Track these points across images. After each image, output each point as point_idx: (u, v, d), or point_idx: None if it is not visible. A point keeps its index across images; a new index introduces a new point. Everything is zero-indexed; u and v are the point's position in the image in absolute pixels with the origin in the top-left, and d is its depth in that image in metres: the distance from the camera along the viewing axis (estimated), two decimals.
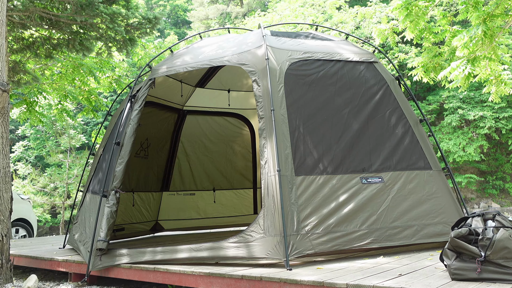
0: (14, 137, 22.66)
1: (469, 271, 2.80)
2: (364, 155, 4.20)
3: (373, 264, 3.54)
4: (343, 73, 4.48)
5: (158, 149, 6.90)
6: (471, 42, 5.83)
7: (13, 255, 4.90)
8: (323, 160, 4.02)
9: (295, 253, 3.54)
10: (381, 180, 4.12)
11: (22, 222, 8.34)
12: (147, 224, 6.81)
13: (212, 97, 7.20)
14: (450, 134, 17.99)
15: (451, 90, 17.50)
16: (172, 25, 35.30)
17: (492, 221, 2.93)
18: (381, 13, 16.95)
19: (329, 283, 2.91)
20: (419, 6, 6.67)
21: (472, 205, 18.28)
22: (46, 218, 17.28)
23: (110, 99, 18.78)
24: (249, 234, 3.70)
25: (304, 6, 21.23)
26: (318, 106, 4.26)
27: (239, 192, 7.61)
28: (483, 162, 18.45)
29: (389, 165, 4.22)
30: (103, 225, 4.19)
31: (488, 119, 17.05)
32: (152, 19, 7.65)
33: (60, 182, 15.39)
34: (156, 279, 3.84)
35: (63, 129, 15.92)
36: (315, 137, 4.11)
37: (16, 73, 8.25)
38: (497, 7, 5.82)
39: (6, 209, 4.37)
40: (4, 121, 4.43)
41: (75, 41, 7.60)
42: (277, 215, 3.62)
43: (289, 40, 4.72)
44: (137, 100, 4.68)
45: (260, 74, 4.18)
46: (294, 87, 4.22)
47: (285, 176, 3.78)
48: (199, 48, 5.07)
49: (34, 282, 4.28)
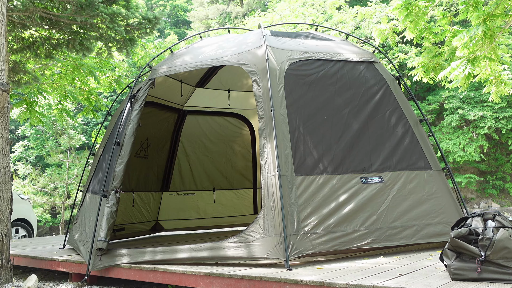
0: (14, 137, 22.66)
1: (469, 271, 2.80)
2: (364, 155, 4.19)
3: (373, 264, 3.54)
4: (343, 73, 4.48)
5: (158, 149, 6.90)
6: (471, 42, 5.83)
7: (13, 255, 4.90)
8: (323, 160, 4.02)
9: (295, 253, 3.53)
10: (381, 180, 4.12)
11: (22, 222, 8.34)
12: (147, 224, 6.81)
13: (212, 97, 7.20)
14: (450, 134, 17.99)
15: (451, 90, 17.50)
16: (172, 25, 35.30)
17: (492, 221, 2.93)
18: (381, 13, 16.95)
19: (329, 283, 2.91)
20: (419, 6, 6.67)
21: (472, 205, 18.28)
22: (46, 218, 17.29)
23: (110, 99, 18.78)
24: (249, 234, 3.69)
25: (304, 6, 21.23)
26: (318, 106, 4.26)
27: (239, 192, 7.61)
28: (483, 162, 18.45)
29: (389, 165, 4.22)
30: (103, 225, 4.19)
31: (488, 119, 17.05)
32: (152, 19, 7.66)
33: (60, 182, 15.39)
34: (156, 279, 3.84)
35: (63, 129, 15.92)
36: (315, 137, 4.10)
37: (16, 73, 8.25)
38: (497, 7, 5.82)
39: (6, 209, 4.37)
40: (4, 121, 4.43)
41: (75, 41, 7.60)
42: (277, 215, 3.62)
43: (289, 40, 4.72)
44: (137, 100, 4.68)
45: (260, 74, 4.18)
46: (294, 87, 4.22)
47: (285, 176, 3.77)
48: (199, 48, 5.06)
49: (34, 282, 4.28)
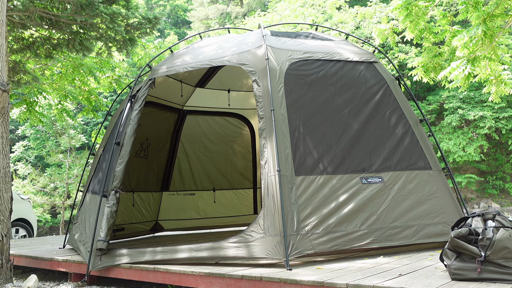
0: (14, 137, 22.66)
1: (469, 271, 2.80)
2: (364, 155, 4.19)
3: (373, 264, 3.54)
4: (343, 73, 4.48)
5: (158, 149, 6.90)
6: (471, 42, 5.83)
7: (13, 255, 4.90)
8: (323, 160, 4.02)
9: (295, 253, 3.53)
10: (381, 180, 4.12)
11: (22, 222, 8.34)
12: (147, 224, 6.81)
13: (212, 97, 7.20)
14: (450, 134, 17.99)
15: (451, 90, 17.50)
16: (172, 25, 35.30)
17: (492, 221, 2.93)
18: (381, 13, 16.95)
19: (329, 283, 2.91)
20: (419, 6, 6.67)
21: (472, 205, 18.28)
22: (46, 218, 17.29)
23: (110, 99, 18.78)
24: (249, 234, 3.69)
25: (304, 6, 21.23)
26: (318, 106, 4.26)
27: (239, 192, 7.61)
28: (483, 162, 18.44)
29: (389, 165, 4.22)
30: (103, 225, 4.19)
31: (488, 119, 17.05)
32: (152, 19, 7.65)
33: (60, 182, 15.39)
34: (156, 279, 3.84)
35: (63, 129, 15.92)
36: (315, 137, 4.10)
37: (16, 73, 8.25)
38: (497, 7, 5.82)
39: (6, 209, 4.37)
40: (4, 121, 4.43)
41: (75, 41, 7.60)
42: (277, 215, 3.62)
43: (289, 40, 4.72)
44: (137, 100, 4.68)
45: (260, 74, 4.18)
46: (294, 87, 4.22)
47: (285, 176, 3.77)
48: (199, 48, 5.06)
49: (34, 282, 4.28)
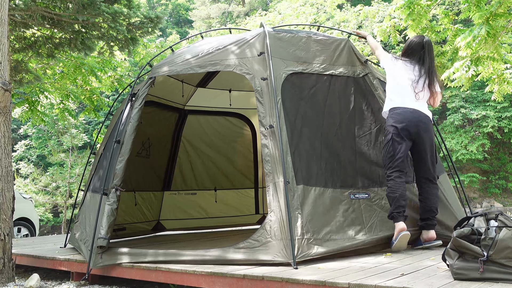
0: (16, 136, 22.72)
1: (472, 271, 2.78)
2: (352, 170, 4.24)
3: (375, 263, 3.53)
4: (334, 87, 4.49)
5: (159, 148, 6.89)
6: (474, 41, 5.80)
7: (15, 254, 4.91)
8: (318, 173, 4.06)
9: (301, 256, 3.56)
10: (368, 195, 4.17)
11: (24, 221, 8.36)
12: (149, 223, 6.81)
13: (213, 97, 7.20)
14: (452, 133, 17.96)
15: (454, 90, 17.47)
16: (174, 24, 35.34)
17: (495, 221, 2.91)
18: (384, 12, 16.92)
19: (331, 283, 2.90)
20: (421, 5, 6.64)
21: (474, 205, 18.25)
22: (48, 217, 17.34)
23: (112, 98, 18.81)
24: (256, 240, 3.73)
25: (304, 5, 21.21)
26: (312, 119, 4.29)
27: (240, 192, 7.60)
28: (486, 161, 18.42)
29: (376, 180, 4.27)
30: (104, 223, 4.19)
31: (491, 118, 17.02)
32: (154, 19, 7.65)
33: (62, 181, 15.43)
34: (158, 278, 3.84)
35: (65, 128, 15.96)
36: (310, 150, 4.14)
37: (18, 72, 8.27)
38: (500, 6, 5.78)
39: (8, 208, 4.37)
40: (6, 120, 4.43)
41: (77, 41, 7.60)
42: (283, 220, 3.65)
43: (289, 48, 4.66)
44: (137, 98, 4.68)
45: (260, 83, 4.22)
46: (291, 99, 4.25)
47: (288, 183, 3.81)
48: (200, 47, 5.04)
49: (36, 281, 4.28)
